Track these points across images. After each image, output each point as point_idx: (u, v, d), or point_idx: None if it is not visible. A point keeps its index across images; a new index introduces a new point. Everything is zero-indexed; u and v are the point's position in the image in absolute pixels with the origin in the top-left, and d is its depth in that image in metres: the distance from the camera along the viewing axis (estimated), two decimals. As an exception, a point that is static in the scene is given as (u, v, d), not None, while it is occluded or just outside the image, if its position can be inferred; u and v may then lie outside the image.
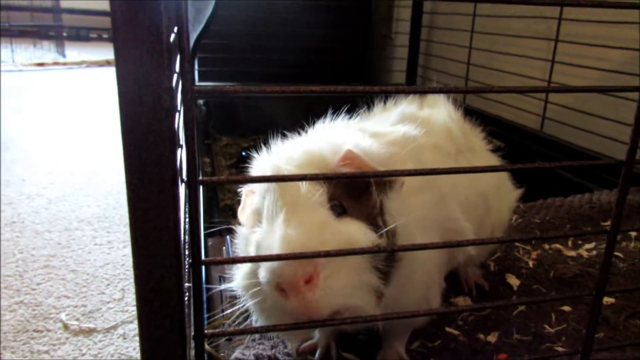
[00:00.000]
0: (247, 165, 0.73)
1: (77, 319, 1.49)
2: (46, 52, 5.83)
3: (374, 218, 0.62)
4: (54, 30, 6.11)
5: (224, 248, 1.07)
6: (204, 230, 1.20)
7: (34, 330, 1.43)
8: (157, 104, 0.39)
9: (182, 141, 1.20)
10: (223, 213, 1.76)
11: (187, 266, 0.51)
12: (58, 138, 3.16)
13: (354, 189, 0.63)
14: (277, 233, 0.56)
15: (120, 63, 0.38)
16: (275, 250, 0.54)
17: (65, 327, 1.45)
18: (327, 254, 0.46)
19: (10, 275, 1.69)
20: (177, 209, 0.42)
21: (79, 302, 1.58)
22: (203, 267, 0.49)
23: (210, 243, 1.09)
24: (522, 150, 1.83)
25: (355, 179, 0.61)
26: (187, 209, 1.05)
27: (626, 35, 1.56)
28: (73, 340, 1.41)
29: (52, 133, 3.27)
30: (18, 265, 1.74)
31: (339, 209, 0.61)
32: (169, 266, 0.43)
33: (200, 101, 2.55)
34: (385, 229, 0.60)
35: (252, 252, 0.60)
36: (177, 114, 0.49)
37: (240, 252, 0.68)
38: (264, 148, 0.74)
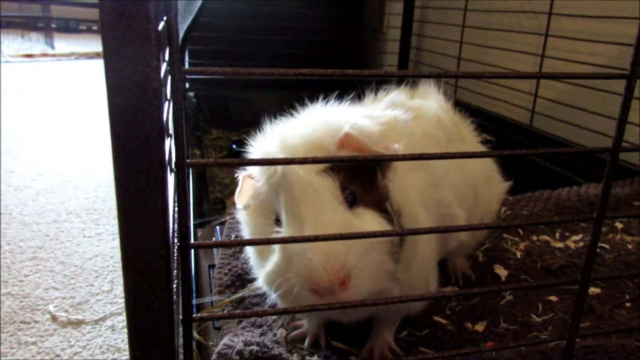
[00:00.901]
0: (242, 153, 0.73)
1: (66, 311, 1.48)
2: (34, 43, 5.76)
3: (382, 203, 0.64)
4: (43, 21, 6.04)
5: (213, 239, 1.07)
6: (194, 222, 1.20)
7: (22, 322, 1.42)
8: (145, 84, 0.39)
9: (172, 130, 1.19)
10: (213, 206, 1.76)
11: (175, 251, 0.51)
12: (46, 130, 3.13)
13: (358, 174, 0.64)
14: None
15: (108, 43, 0.38)
16: (310, 256, 0.57)
17: (54, 318, 1.44)
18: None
19: (-3, 266, 1.68)
20: (164, 192, 0.42)
21: (67, 293, 1.57)
22: (192, 252, 0.49)
23: (199, 234, 1.09)
24: (511, 144, 1.84)
25: (358, 163, 0.61)
26: (175, 196, 1.05)
27: (615, 30, 1.57)
28: (61, 331, 1.40)
29: (40, 125, 3.23)
30: (5, 257, 1.73)
31: (351, 198, 0.63)
32: (157, 249, 0.43)
33: (191, 93, 2.53)
34: (394, 214, 0.64)
35: (276, 255, 0.61)
36: (167, 102, 0.49)
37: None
38: (258, 134, 0.74)
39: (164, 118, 0.42)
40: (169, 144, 1.03)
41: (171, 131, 0.54)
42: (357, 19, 2.93)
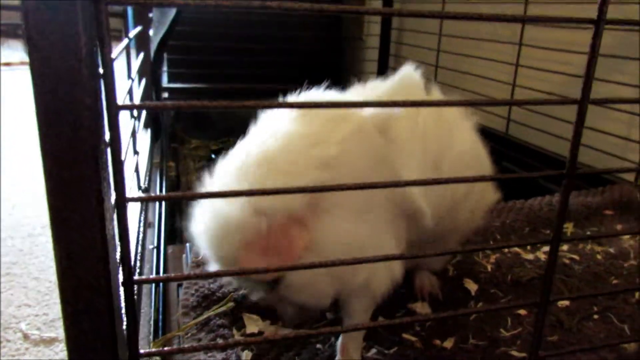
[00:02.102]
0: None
1: (38, 328, 1.45)
2: (13, 51, 5.68)
3: None
4: (22, 29, 5.96)
5: (183, 256, 1.06)
6: (165, 236, 1.18)
7: (-7, 342, 1.39)
8: (77, 122, 0.38)
9: (139, 148, 1.17)
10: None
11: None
12: (23, 141, 3.08)
13: None
14: None
15: (37, 78, 0.37)
16: None
17: (25, 337, 1.42)
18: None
19: (-31, 284, 1.64)
20: (104, 229, 0.41)
21: (40, 310, 1.54)
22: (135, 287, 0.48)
23: (170, 250, 1.07)
24: (488, 152, 1.85)
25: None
26: (139, 223, 1.03)
27: (589, 40, 1.59)
28: (33, 350, 1.37)
29: (16, 135, 3.18)
30: (-23, 274, 1.69)
31: None
32: (97, 287, 0.42)
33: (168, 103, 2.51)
34: None
35: None
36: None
37: None
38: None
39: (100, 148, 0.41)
40: (136, 161, 1.01)
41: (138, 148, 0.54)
42: (336, 26, 2.94)
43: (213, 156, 2.27)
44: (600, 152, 1.53)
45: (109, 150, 0.42)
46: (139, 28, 1.30)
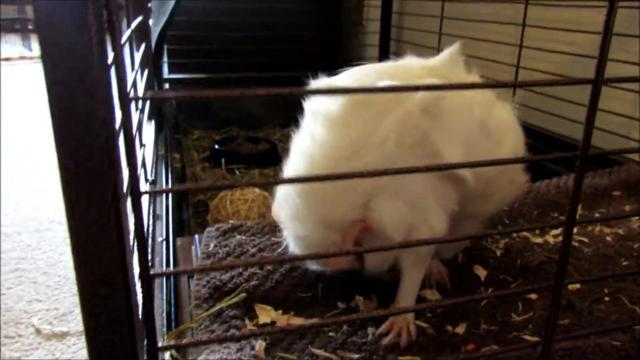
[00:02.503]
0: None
1: (50, 323, 1.46)
2: (12, 45, 5.65)
3: None
4: (19, 23, 5.93)
5: (192, 247, 1.06)
6: (174, 228, 1.18)
7: (5, 337, 1.40)
8: (90, 115, 0.38)
9: (145, 140, 1.17)
10: (196, 209, 1.74)
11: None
12: (24, 135, 3.08)
13: None
14: None
15: (48, 70, 0.36)
16: None
17: (38, 331, 1.43)
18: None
19: (-22, 280, 1.65)
20: (120, 224, 0.41)
21: (51, 305, 1.55)
22: (157, 280, 0.48)
23: (179, 243, 1.08)
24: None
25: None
26: (149, 216, 1.03)
27: (593, 19, 1.57)
28: (46, 344, 1.39)
29: (17, 130, 3.18)
30: (-14, 270, 1.70)
31: None
32: (114, 282, 0.42)
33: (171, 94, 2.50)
34: None
35: None
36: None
37: None
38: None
39: (114, 142, 0.41)
40: (142, 153, 1.00)
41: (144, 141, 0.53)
42: (336, 12, 2.91)
43: (216, 146, 2.26)
44: (604, 132, 1.52)
45: (121, 142, 0.41)
46: (139, 18, 1.29)
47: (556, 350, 0.69)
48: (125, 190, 0.43)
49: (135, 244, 0.43)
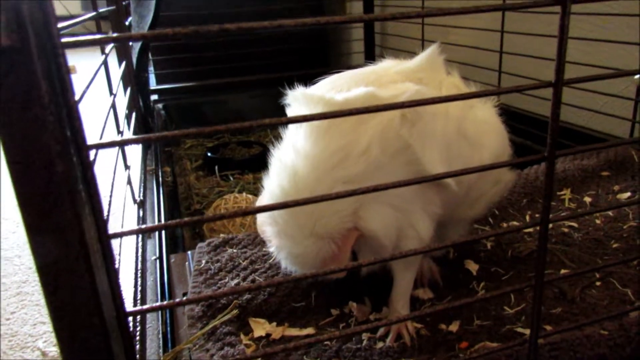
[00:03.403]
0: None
1: (55, 345, 1.47)
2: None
3: None
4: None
5: (186, 264, 1.07)
6: (167, 245, 1.19)
7: (12, 362, 1.42)
8: (50, 168, 0.38)
9: (131, 160, 1.17)
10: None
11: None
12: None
13: None
14: None
15: (4, 131, 0.37)
16: None
17: (44, 354, 1.44)
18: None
19: (-18, 307, 1.66)
20: (90, 269, 0.41)
21: (55, 327, 1.56)
22: (130, 318, 0.48)
23: (172, 260, 1.08)
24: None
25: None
26: (138, 237, 1.03)
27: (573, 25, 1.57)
28: (52, 367, 1.40)
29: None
30: (-10, 296, 1.71)
31: None
32: (90, 325, 0.42)
33: (159, 105, 2.50)
34: None
35: None
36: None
37: None
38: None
39: (78, 190, 0.41)
40: (128, 174, 1.01)
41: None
42: (319, 8, 2.90)
43: (209, 154, 2.27)
44: (585, 110, 1.52)
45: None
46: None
47: (544, 345, 0.70)
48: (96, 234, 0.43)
49: (108, 285, 0.43)
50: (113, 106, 0.97)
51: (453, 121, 0.80)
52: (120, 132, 1.01)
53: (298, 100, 0.77)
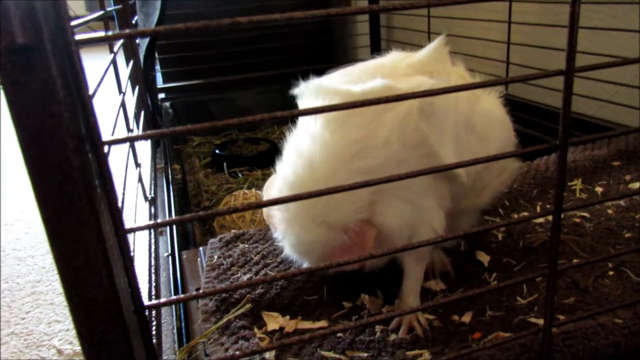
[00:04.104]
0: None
1: (70, 343, 1.49)
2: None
3: None
4: None
5: (198, 260, 1.07)
6: (179, 242, 1.20)
7: (29, 360, 1.44)
8: (66, 165, 0.39)
9: (141, 158, 1.18)
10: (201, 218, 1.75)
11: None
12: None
13: None
14: None
15: (20, 128, 0.37)
16: None
17: (59, 352, 1.46)
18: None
19: (-3, 307, 1.69)
20: (108, 264, 0.42)
21: (70, 325, 1.58)
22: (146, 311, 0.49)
23: (184, 257, 1.09)
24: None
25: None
26: (150, 233, 1.04)
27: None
28: (68, 364, 1.42)
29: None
30: (5, 296, 1.74)
31: None
32: (108, 319, 0.43)
33: (166, 104, 2.51)
34: None
35: None
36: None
37: None
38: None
39: (95, 185, 0.42)
40: (139, 172, 1.01)
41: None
42: (324, 3, 2.90)
43: (217, 151, 2.28)
44: (595, 100, 1.51)
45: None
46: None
47: (558, 334, 0.69)
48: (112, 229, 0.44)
49: (125, 279, 0.44)
50: (123, 105, 0.98)
51: (462, 114, 0.80)
52: (130, 131, 1.02)
53: (312, 92, 0.77)
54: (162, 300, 0.46)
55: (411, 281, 0.87)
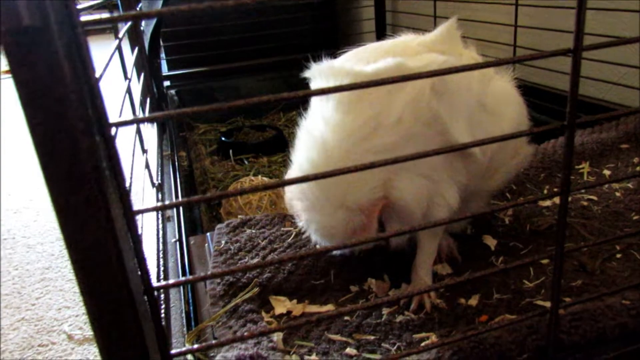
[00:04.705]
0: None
1: (80, 328, 1.51)
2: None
3: None
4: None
5: (205, 245, 1.08)
6: (186, 228, 1.21)
7: (39, 345, 1.46)
8: (75, 147, 0.39)
9: (148, 144, 1.18)
10: (207, 205, 1.76)
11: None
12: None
13: None
14: None
15: (28, 111, 0.38)
16: None
17: (70, 337, 1.48)
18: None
19: (8, 293, 1.71)
20: (117, 244, 0.42)
21: (80, 310, 1.60)
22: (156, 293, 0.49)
23: (192, 242, 1.10)
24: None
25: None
26: (158, 218, 1.05)
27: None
28: (79, 349, 1.44)
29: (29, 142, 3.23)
30: (15, 282, 1.76)
31: None
32: (119, 299, 0.43)
33: (172, 91, 2.51)
34: None
35: None
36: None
37: None
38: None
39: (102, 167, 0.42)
40: (145, 158, 1.02)
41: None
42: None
43: (223, 139, 2.28)
44: (603, 82, 1.49)
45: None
46: (129, 24, 1.30)
47: (565, 316, 0.70)
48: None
49: (134, 260, 0.44)
50: (128, 90, 0.98)
51: (474, 93, 0.80)
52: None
53: (324, 73, 0.77)
54: (171, 281, 0.46)
55: (425, 255, 0.89)
